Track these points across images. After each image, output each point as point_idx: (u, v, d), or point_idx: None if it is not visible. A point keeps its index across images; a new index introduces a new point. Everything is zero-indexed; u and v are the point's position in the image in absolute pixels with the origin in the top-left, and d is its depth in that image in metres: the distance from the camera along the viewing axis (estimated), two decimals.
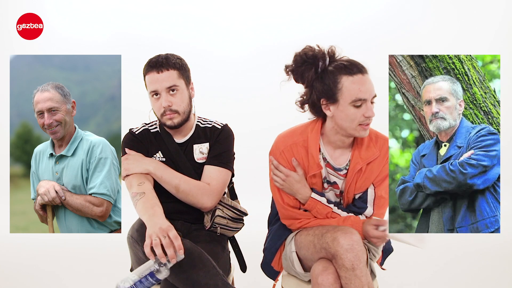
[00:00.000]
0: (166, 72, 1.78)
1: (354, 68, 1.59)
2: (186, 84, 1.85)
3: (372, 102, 1.63)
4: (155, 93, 1.80)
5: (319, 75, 1.64)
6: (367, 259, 1.74)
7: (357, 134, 1.65)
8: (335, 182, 1.80)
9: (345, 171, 1.77)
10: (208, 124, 1.95)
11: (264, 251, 1.90)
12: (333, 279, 1.60)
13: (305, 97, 1.71)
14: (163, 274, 1.47)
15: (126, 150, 1.86)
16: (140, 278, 1.45)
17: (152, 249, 1.47)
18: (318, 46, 1.65)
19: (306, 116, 1.87)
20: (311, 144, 1.69)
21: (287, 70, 1.68)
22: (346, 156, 1.75)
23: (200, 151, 1.90)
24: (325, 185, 1.79)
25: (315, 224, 1.76)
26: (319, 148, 1.73)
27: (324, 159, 1.77)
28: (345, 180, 1.77)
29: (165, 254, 1.46)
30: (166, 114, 1.81)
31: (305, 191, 1.72)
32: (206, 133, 1.93)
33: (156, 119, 1.94)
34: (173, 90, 1.79)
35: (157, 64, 1.79)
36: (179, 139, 1.91)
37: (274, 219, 1.94)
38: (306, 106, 1.72)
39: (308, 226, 1.77)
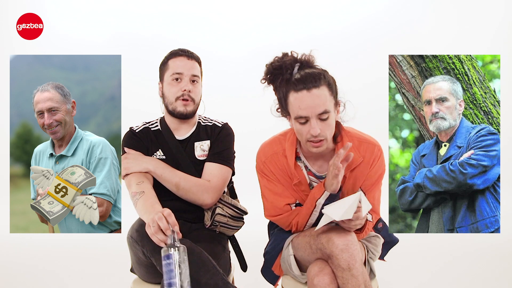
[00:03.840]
0: (194, 61, 1.89)
1: (300, 84, 1.55)
2: (201, 82, 1.94)
3: (322, 119, 1.55)
4: (178, 76, 1.85)
5: (279, 85, 1.62)
6: (365, 258, 1.74)
7: (310, 150, 1.63)
8: None
9: None
10: (209, 122, 1.96)
11: (264, 255, 1.90)
12: (329, 279, 1.60)
13: (277, 105, 1.69)
14: (177, 255, 1.43)
15: (126, 149, 1.86)
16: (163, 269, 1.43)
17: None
18: (292, 53, 1.63)
19: None
20: (288, 153, 1.71)
21: (261, 79, 1.68)
22: (328, 163, 1.68)
23: (201, 148, 1.91)
24: None
25: (294, 213, 1.73)
26: (299, 157, 1.74)
27: (306, 167, 1.75)
28: None
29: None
30: (182, 99, 1.85)
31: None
32: (207, 131, 1.93)
33: (157, 116, 1.95)
34: (193, 81, 1.88)
35: (188, 52, 1.89)
36: (180, 136, 1.92)
37: (274, 224, 1.93)
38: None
39: (291, 216, 1.74)
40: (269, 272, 1.86)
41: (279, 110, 1.69)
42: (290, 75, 1.59)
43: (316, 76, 1.56)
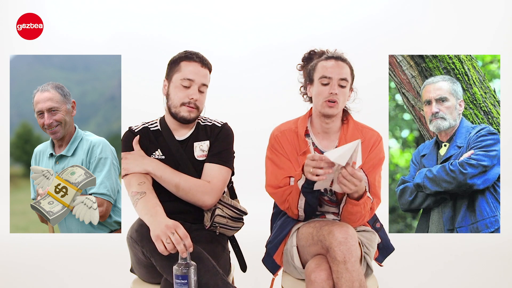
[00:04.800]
0: (207, 70, 1.89)
1: (331, 56, 1.85)
2: (207, 90, 1.93)
3: (341, 86, 1.80)
4: (189, 82, 1.84)
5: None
6: (361, 256, 1.74)
7: (323, 111, 1.82)
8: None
9: None
10: (208, 122, 1.96)
11: (267, 245, 1.91)
12: (326, 275, 1.62)
13: (303, 86, 1.96)
14: (192, 275, 1.48)
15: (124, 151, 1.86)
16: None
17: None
18: (327, 50, 1.92)
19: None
20: (300, 127, 1.88)
21: (297, 65, 1.99)
22: (333, 143, 1.88)
23: (201, 148, 1.90)
24: None
25: (291, 188, 1.79)
26: (308, 134, 1.89)
27: (313, 143, 1.87)
28: None
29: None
30: (188, 105, 1.84)
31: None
32: (206, 131, 1.93)
33: (157, 116, 1.95)
34: (202, 90, 1.87)
35: (203, 59, 1.88)
36: (180, 137, 1.91)
37: (278, 216, 1.94)
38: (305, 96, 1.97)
39: (286, 192, 1.80)
40: (271, 261, 1.88)
41: (302, 87, 1.95)
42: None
43: (343, 57, 1.87)
